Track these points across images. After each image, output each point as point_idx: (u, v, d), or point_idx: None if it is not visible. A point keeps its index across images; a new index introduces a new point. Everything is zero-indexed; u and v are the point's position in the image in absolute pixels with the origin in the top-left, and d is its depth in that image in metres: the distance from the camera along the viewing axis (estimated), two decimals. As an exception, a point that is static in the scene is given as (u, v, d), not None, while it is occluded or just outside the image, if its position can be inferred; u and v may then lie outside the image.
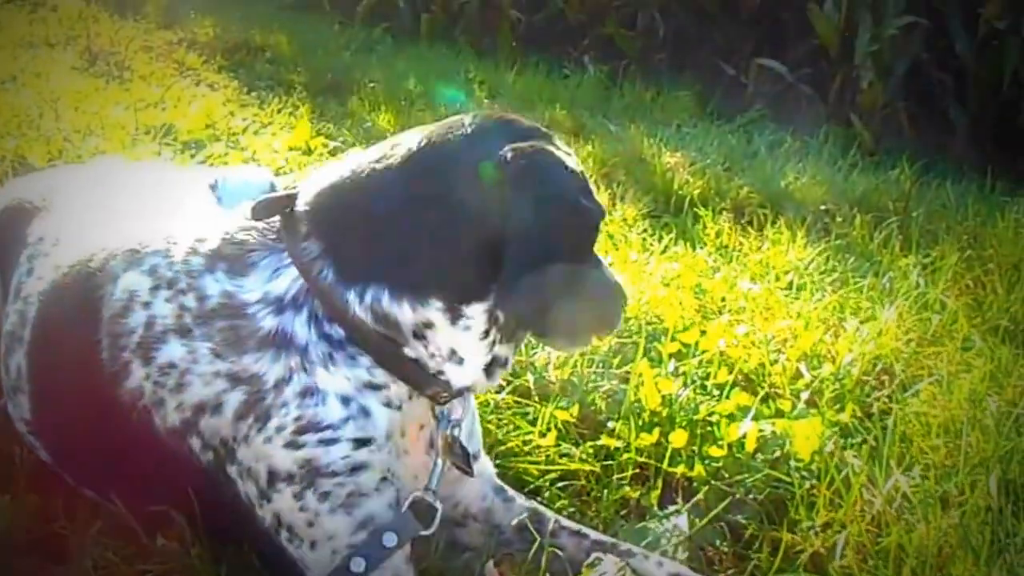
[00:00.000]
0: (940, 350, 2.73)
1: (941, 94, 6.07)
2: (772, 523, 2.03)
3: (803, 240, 3.68)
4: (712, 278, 3.33)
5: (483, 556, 1.83)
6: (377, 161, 1.58)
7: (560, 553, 1.79)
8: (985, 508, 1.88)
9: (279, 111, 5.17)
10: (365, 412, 1.54)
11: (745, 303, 3.10)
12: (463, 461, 1.66)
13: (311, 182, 1.64)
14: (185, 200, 1.97)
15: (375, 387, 1.55)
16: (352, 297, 1.52)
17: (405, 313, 1.52)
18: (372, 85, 5.65)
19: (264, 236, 1.60)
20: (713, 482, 2.10)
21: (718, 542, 1.95)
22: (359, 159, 1.62)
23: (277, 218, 1.62)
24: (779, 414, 2.35)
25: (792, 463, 2.16)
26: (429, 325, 1.54)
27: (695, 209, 3.98)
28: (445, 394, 1.60)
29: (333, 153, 4.53)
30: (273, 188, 2.34)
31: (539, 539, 1.79)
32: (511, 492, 1.90)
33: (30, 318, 1.79)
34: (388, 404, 1.56)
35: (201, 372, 1.54)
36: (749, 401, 2.38)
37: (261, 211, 1.61)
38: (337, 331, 1.53)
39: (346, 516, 1.52)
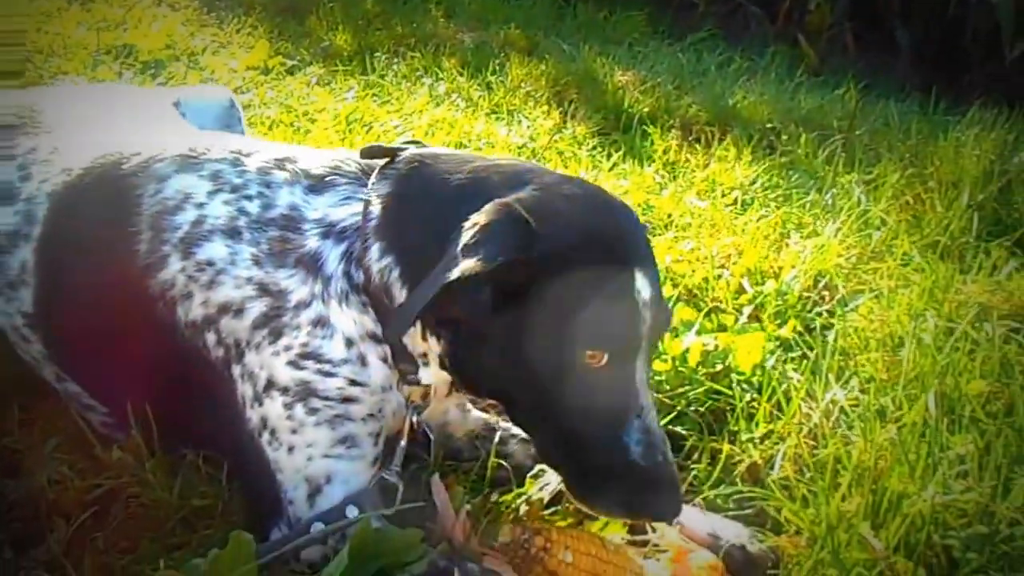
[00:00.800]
0: (880, 266, 2.76)
1: (886, 15, 6.06)
2: (712, 434, 2.06)
3: (749, 157, 3.68)
4: (659, 195, 3.32)
5: (430, 468, 1.86)
6: (474, 174, 1.61)
7: (506, 464, 1.86)
8: (922, 423, 1.92)
9: (238, 31, 5.11)
10: (363, 360, 1.63)
11: (691, 219, 3.10)
12: (423, 448, 1.82)
13: (424, 151, 1.73)
14: (164, 116, 2.22)
15: (377, 340, 1.64)
16: (376, 252, 1.61)
17: (401, 296, 1.60)
18: (331, 5, 5.51)
19: (357, 171, 1.71)
20: (656, 395, 2.10)
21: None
22: (471, 159, 1.67)
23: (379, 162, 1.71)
24: (722, 328, 2.36)
25: (733, 376, 2.17)
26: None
27: (644, 127, 3.96)
28: (412, 376, 1.67)
29: (291, 72, 4.52)
30: (233, 105, 2.54)
31: (487, 448, 1.88)
32: (468, 404, 1.97)
33: (39, 216, 1.87)
34: (385, 360, 1.65)
35: (236, 275, 1.64)
36: (693, 316, 2.39)
37: (369, 152, 1.72)
38: (359, 274, 1.62)
39: (329, 431, 1.62)
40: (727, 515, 1.81)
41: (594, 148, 3.79)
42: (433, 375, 1.66)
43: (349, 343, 1.62)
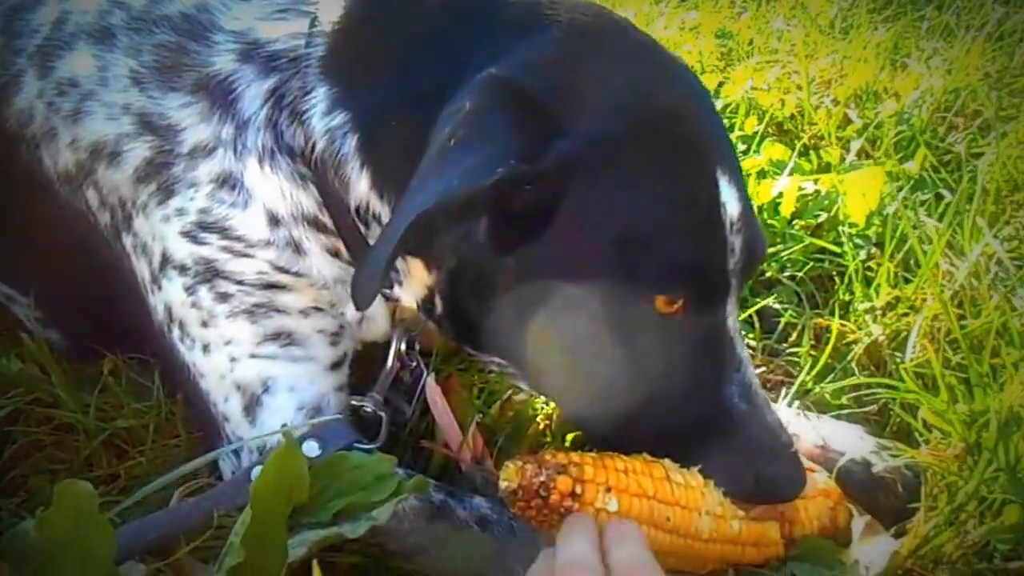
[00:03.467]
0: (1033, 83, 2.14)
1: None
2: (816, 307, 1.53)
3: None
4: (738, 20, 2.73)
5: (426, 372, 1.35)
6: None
7: None
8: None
9: None
10: (296, 247, 1.14)
11: (778, 44, 2.50)
12: (404, 399, 1.27)
13: None
14: None
15: (320, 228, 1.15)
16: (320, 101, 1.09)
17: (361, 182, 1.09)
18: None
19: None
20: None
21: (744, 333, 1.45)
22: None
23: None
24: (824, 169, 1.81)
25: (842, 229, 1.62)
26: (376, 217, 1.11)
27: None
28: (386, 291, 1.19)
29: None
30: None
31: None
32: None
33: None
34: (335, 255, 1.17)
35: (108, 101, 1.16)
36: (785, 155, 1.83)
37: None
38: (293, 132, 1.12)
39: (249, 324, 1.15)
40: (840, 416, 1.29)
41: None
42: (416, 294, 1.16)
43: (274, 221, 1.13)
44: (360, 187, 1.09)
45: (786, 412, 1.25)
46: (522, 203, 0.95)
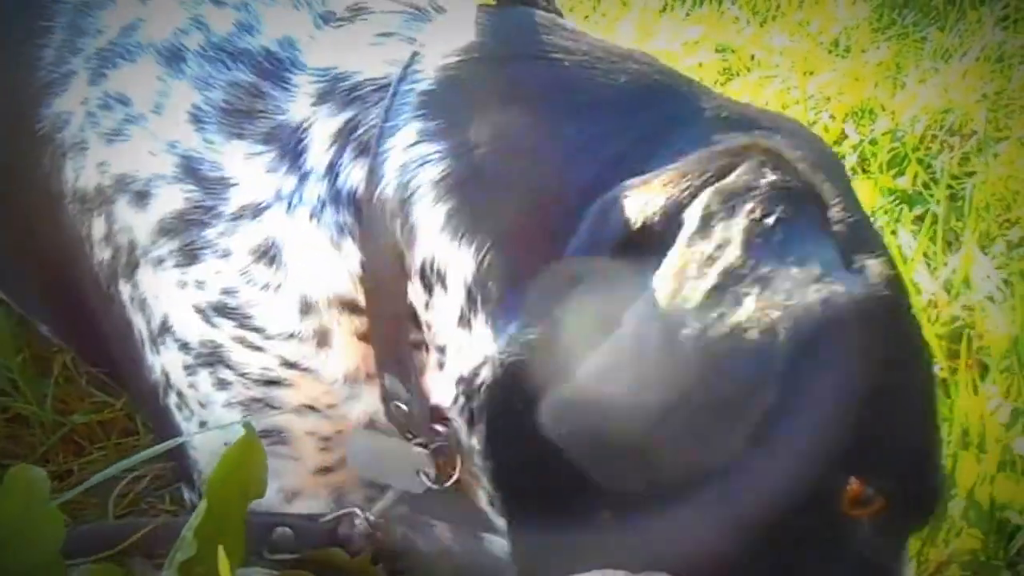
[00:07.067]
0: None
1: None
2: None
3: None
4: (741, 33, 2.77)
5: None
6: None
7: None
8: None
9: None
10: (321, 339, 0.93)
11: (780, 59, 2.54)
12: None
13: None
14: None
15: (351, 309, 0.92)
16: (408, 135, 0.87)
17: (432, 222, 0.85)
18: None
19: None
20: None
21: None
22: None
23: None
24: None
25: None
26: (442, 278, 0.86)
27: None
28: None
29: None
30: None
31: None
32: None
33: None
34: (364, 339, 0.95)
35: (155, 131, 0.98)
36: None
37: None
38: (352, 170, 0.90)
39: (242, 416, 1.00)
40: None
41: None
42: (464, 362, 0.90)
43: (305, 308, 0.92)
44: (430, 230, 0.85)
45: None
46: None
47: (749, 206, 0.66)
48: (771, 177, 0.68)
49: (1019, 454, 1.11)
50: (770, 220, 0.66)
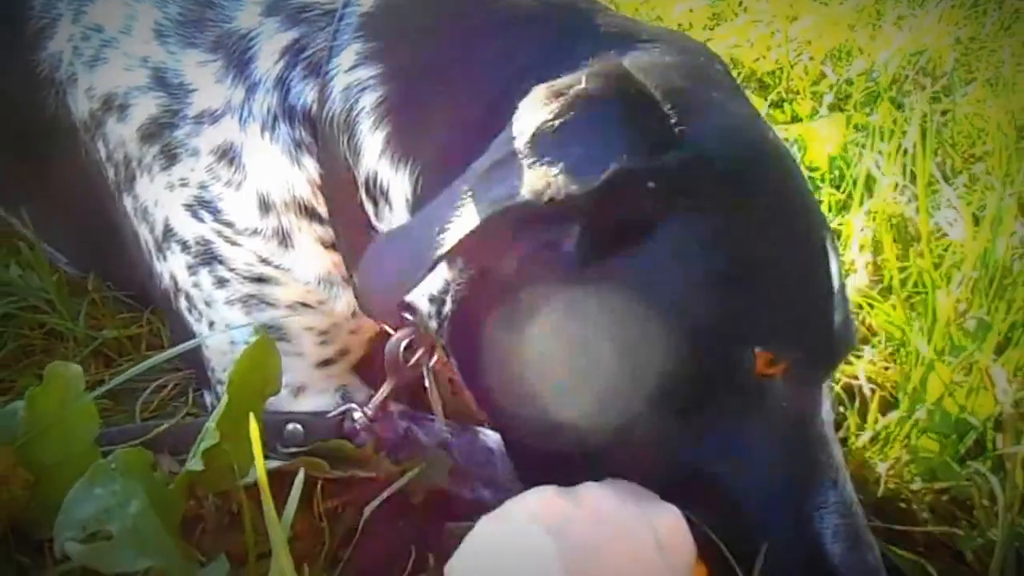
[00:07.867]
0: (997, 48, 2.25)
1: None
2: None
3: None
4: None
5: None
6: None
7: None
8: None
9: None
10: (283, 239, 1.04)
11: (766, 6, 2.61)
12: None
13: None
14: None
15: (312, 216, 1.03)
16: (349, 55, 0.97)
17: (373, 145, 0.96)
18: None
19: None
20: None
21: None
22: None
23: None
24: (796, 120, 1.92)
25: (806, 172, 1.74)
26: (384, 193, 0.97)
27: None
28: None
29: None
30: None
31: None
32: None
33: None
34: (327, 247, 1.06)
35: (128, 51, 1.09)
36: (759, 105, 1.95)
37: None
38: (304, 89, 0.99)
39: (244, 314, 1.10)
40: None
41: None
42: (427, 287, 0.97)
43: (264, 207, 1.02)
44: (371, 152, 0.95)
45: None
46: (627, 209, 0.76)
47: (553, 106, 0.76)
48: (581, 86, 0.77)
49: (978, 365, 1.17)
50: (556, 122, 0.75)
